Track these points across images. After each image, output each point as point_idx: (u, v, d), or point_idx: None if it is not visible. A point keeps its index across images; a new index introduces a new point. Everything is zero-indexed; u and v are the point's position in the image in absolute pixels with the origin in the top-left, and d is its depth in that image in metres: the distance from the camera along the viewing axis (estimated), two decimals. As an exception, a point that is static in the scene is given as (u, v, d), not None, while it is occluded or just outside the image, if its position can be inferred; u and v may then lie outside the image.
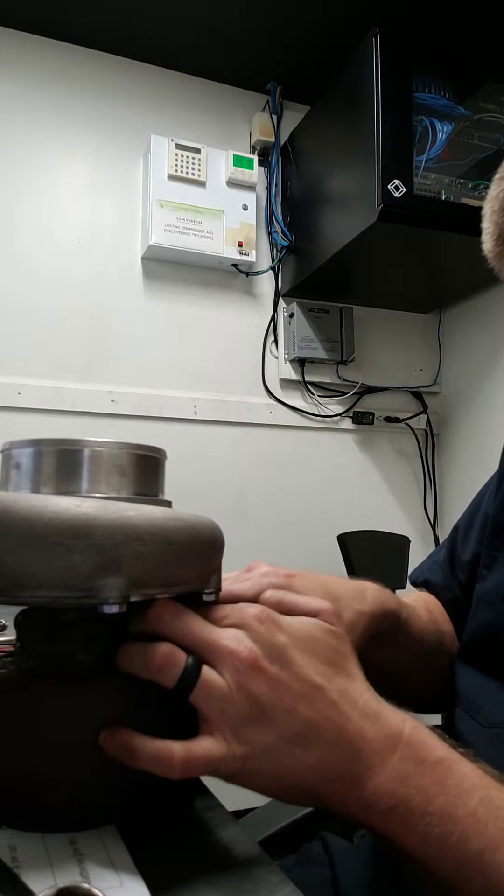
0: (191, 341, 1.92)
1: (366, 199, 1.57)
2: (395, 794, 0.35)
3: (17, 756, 0.36)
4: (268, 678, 0.36)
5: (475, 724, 0.54)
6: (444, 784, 0.36)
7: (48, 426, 1.72)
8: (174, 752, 0.34)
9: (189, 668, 0.35)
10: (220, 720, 0.35)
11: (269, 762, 0.35)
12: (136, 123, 1.90)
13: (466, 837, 0.35)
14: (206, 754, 0.34)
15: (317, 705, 0.36)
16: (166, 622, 0.37)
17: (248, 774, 0.35)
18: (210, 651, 0.36)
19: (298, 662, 0.37)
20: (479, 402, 2.03)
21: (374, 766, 0.36)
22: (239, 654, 0.35)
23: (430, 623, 0.62)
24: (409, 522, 2.11)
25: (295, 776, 0.36)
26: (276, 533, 1.93)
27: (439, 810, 0.35)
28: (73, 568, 0.33)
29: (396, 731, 0.37)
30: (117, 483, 0.40)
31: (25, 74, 1.81)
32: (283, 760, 0.35)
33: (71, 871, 0.33)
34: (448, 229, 1.60)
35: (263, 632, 0.37)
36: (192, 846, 0.37)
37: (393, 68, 1.56)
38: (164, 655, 0.35)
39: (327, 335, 1.99)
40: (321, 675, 0.37)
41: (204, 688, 0.35)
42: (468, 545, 0.66)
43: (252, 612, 0.38)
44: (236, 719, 0.35)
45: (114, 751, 0.35)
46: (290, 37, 1.81)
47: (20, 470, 0.40)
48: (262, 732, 0.35)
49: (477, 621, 0.59)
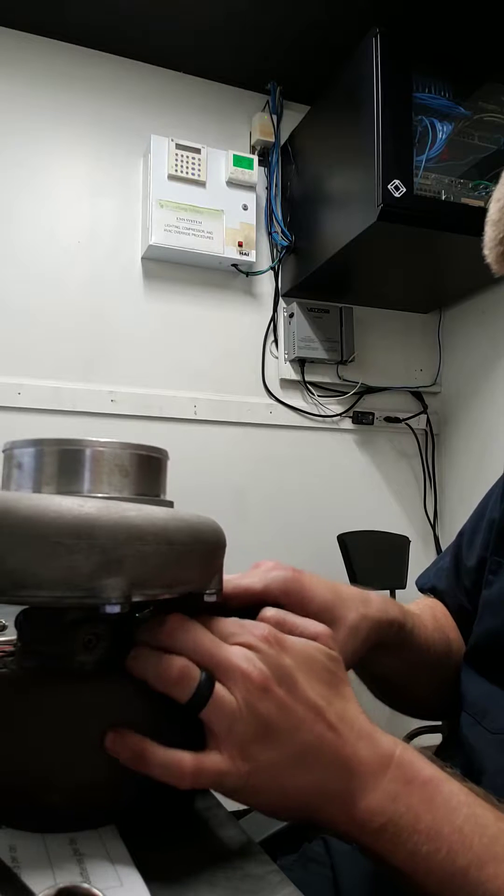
0: (191, 341, 1.92)
1: (366, 199, 1.57)
2: (385, 813, 0.37)
3: (17, 756, 0.36)
4: (276, 700, 0.37)
5: (481, 729, 0.54)
6: (431, 802, 0.37)
7: (48, 426, 1.72)
8: (185, 763, 0.35)
9: (203, 684, 0.36)
10: (229, 737, 0.36)
11: (270, 780, 0.36)
12: (136, 123, 1.90)
13: (453, 854, 0.36)
14: (214, 768, 0.35)
15: (317, 727, 0.37)
16: (179, 638, 0.37)
17: (250, 791, 0.36)
18: (221, 669, 0.37)
19: (302, 685, 0.38)
20: (479, 402, 2.03)
21: (367, 785, 0.37)
22: (250, 675, 0.36)
23: (436, 632, 0.61)
24: (409, 522, 2.11)
25: (294, 794, 0.37)
26: (276, 533, 1.93)
27: (427, 828, 0.36)
28: (74, 568, 0.33)
29: (388, 752, 0.39)
30: (119, 483, 0.40)
31: (25, 74, 1.81)
32: (284, 779, 0.37)
33: (71, 871, 0.33)
34: (448, 229, 1.60)
35: (272, 654, 0.38)
36: (192, 846, 0.37)
37: (393, 68, 1.56)
38: (181, 670, 0.36)
39: (327, 335, 1.99)
40: (322, 698, 0.38)
41: (216, 705, 0.36)
42: (473, 551, 0.66)
43: (259, 632, 0.39)
44: (244, 737, 0.36)
45: (124, 755, 0.35)
46: (290, 37, 1.81)
47: (22, 470, 0.40)
48: (267, 751, 0.36)
49: (483, 627, 0.59)
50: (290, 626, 0.41)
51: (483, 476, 1.97)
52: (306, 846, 0.63)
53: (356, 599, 0.51)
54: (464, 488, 2.08)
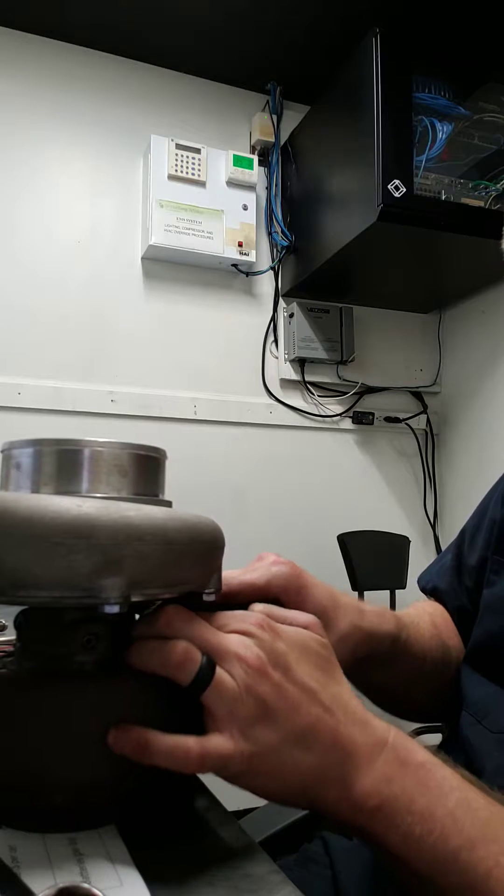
0: (191, 341, 1.92)
1: (366, 199, 1.57)
2: (380, 794, 0.37)
3: (17, 756, 0.36)
4: (272, 683, 0.37)
5: (482, 728, 0.54)
6: (425, 786, 0.38)
7: (48, 426, 1.72)
8: (190, 747, 0.35)
9: (204, 667, 0.36)
10: (230, 719, 0.36)
11: (271, 762, 0.37)
12: (136, 123, 1.90)
13: (445, 836, 0.37)
14: (217, 750, 0.36)
15: (313, 709, 0.38)
16: (177, 627, 0.38)
17: (252, 774, 0.37)
18: (220, 654, 0.37)
19: (296, 669, 0.39)
20: (479, 402, 2.03)
21: (362, 767, 0.38)
22: (248, 659, 0.37)
23: (433, 639, 0.61)
24: (409, 522, 2.11)
25: (293, 777, 0.38)
26: (276, 533, 1.93)
27: (420, 810, 0.37)
28: (73, 568, 0.33)
29: (382, 736, 0.40)
30: (118, 483, 0.40)
31: (25, 74, 1.81)
32: (285, 761, 0.37)
33: (71, 871, 0.33)
34: (448, 229, 1.60)
35: (267, 639, 0.39)
36: (192, 846, 0.37)
37: (393, 68, 1.56)
38: (183, 652, 0.37)
39: (327, 335, 1.99)
40: (315, 681, 0.39)
41: (217, 687, 0.36)
42: (475, 550, 0.65)
43: (253, 619, 0.40)
44: (244, 719, 0.36)
45: (127, 748, 0.35)
46: (290, 37, 1.81)
47: (21, 470, 0.40)
48: (267, 733, 0.37)
49: (484, 627, 0.59)
50: (280, 618, 0.42)
51: (483, 476, 1.96)
52: (306, 846, 0.63)
53: (351, 609, 0.51)
54: (464, 488, 2.08)
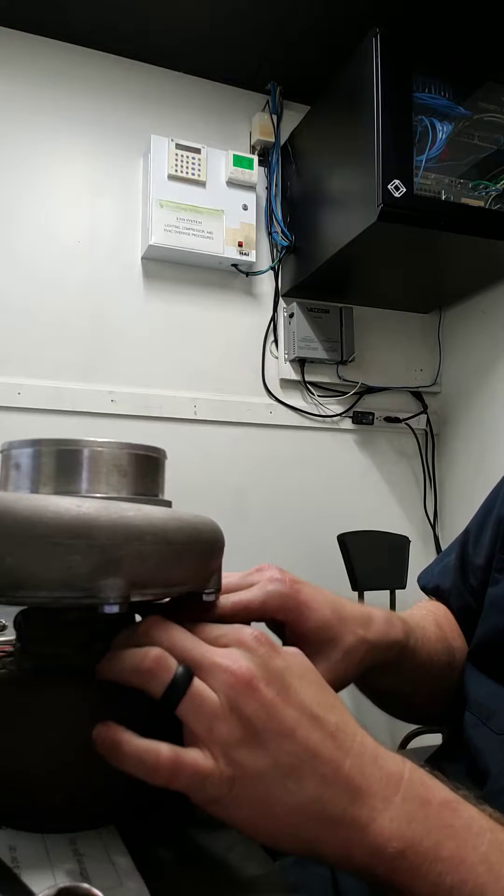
0: (191, 341, 1.92)
1: (366, 199, 1.57)
2: (402, 837, 0.32)
3: (17, 756, 0.36)
4: (262, 701, 0.33)
5: (486, 729, 0.53)
6: (452, 827, 0.33)
7: (48, 426, 1.72)
8: (161, 753, 0.32)
9: (178, 677, 0.33)
10: (209, 738, 0.33)
11: (257, 791, 0.33)
12: (136, 123, 1.89)
13: (482, 887, 0.32)
14: (193, 764, 0.32)
15: (313, 735, 0.34)
16: (154, 635, 0.35)
17: (233, 802, 0.33)
18: (202, 666, 0.34)
19: (296, 689, 0.35)
20: (479, 402, 2.03)
21: (377, 807, 0.33)
22: (234, 671, 0.33)
23: (439, 642, 0.60)
24: (409, 522, 2.11)
25: (284, 813, 0.33)
26: (276, 533, 1.93)
27: (450, 856, 0.32)
28: (73, 568, 0.33)
29: (397, 771, 0.35)
30: (117, 483, 0.40)
31: (25, 74, 1.81)
32: (274, 792, 0.33)
33: (71, 871, 0.33)
34: (448, 229, 1.60)
35: (262, 653, 0.35)
36: (192, 846, 0.37)
37: (393, 68, 1.56)
38: (155, 659, 0.33)
39: (327, 335, 1.99)
40: (318, 706, 0.35)
41: (193, 700, 0.33)
42: (481, 549, 0.64)
43: (250, 631, 0.36)
44: (226, 739, 0.33)
45: (102, 746, 0.33)
46: (290, 37, 1.81)
47: (20, 470, 0.40)
48: (253, 757, 0.33)
49: (488, 626, 0.58)
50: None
51: (483, 476, 1.96)
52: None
53: (357, 621, 0.48)
54: (464, 488, 2.08)
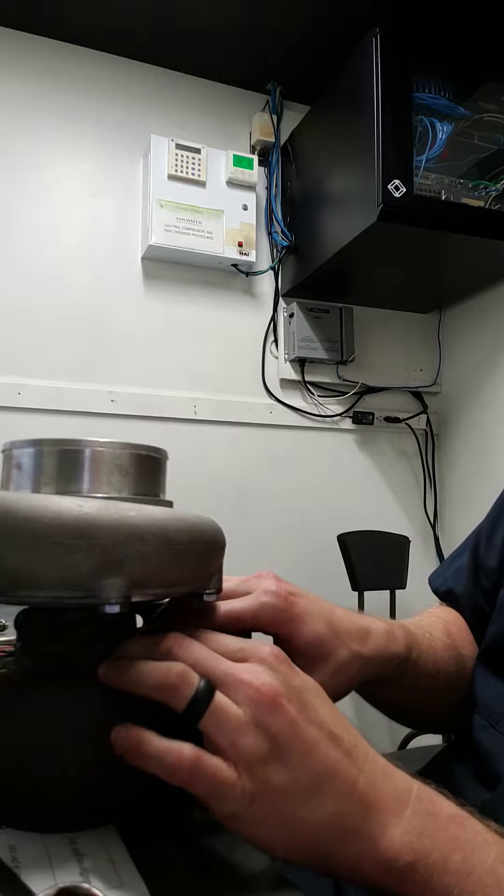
0: (191, 341, 1.92)
1: (366, 199, 1.57)
2: (412, 850, 0.33)
3: (17, 756, 0.36)
4: (287, 717, 0.34)
5: (495, 733, 0.52)
6: (458, 840, 0.34)
7: (48, 426, 1.72)
8: (185, 753, 0.32)
9: (201, 691, 0.33)
10: (233, 751, 0.33)
11: (278, 808, 0.33)
12: (136, 123, 1.89)
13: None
14: (216, 771, 0.32)
15: (332, 752, 0.34)
16: (177, 653, 0.35)
17: (253, 818, 0.33)
18: (225, 681, 0.34)
19: (315, 707, 0.35)
20: (479, 402, 2.03)
21: (388, 820, 0.34)
22: (258, 687, 0.34)
23: (447, 650, 0.59)
24: (409, 522, 2.11)
25: (304, 829, 0.33)
26: (276, 533, 1.93)
27: (458, 868, 0.33)
28: (74, 568, 0.33)
29: (406, 787, 0.36)
30: (119, 483, 0.40)
31: (25, 74, 1.81)
32: (295, 809, 0.33)
33: (71, 871, 0.33)
34: (448, 229, 1.60)
35: (283, 671, 0.36)
36: (193, 846, 0.37)
37: (393, 68, 1.56)
38: (179, 674, 0.34)
39: (327, 335, 1.99)
40: (334, 725, 0.36)
41: (216, 714, 0.33)
42: (493, 550, 0.63)
43: (269, 649, 0.37)
44: (250, 754, 0.33)
45: (123, 746, 0.34)
46: (290, 37, 1.81)
47: (21, 470, 0.39)
48: (276, 773, 0.33)
49: (499, 627, 0.57)
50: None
51: (483, 476, 1.96)
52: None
53: (352, 635, 0.48)
54: (464, 488, 2.08)
